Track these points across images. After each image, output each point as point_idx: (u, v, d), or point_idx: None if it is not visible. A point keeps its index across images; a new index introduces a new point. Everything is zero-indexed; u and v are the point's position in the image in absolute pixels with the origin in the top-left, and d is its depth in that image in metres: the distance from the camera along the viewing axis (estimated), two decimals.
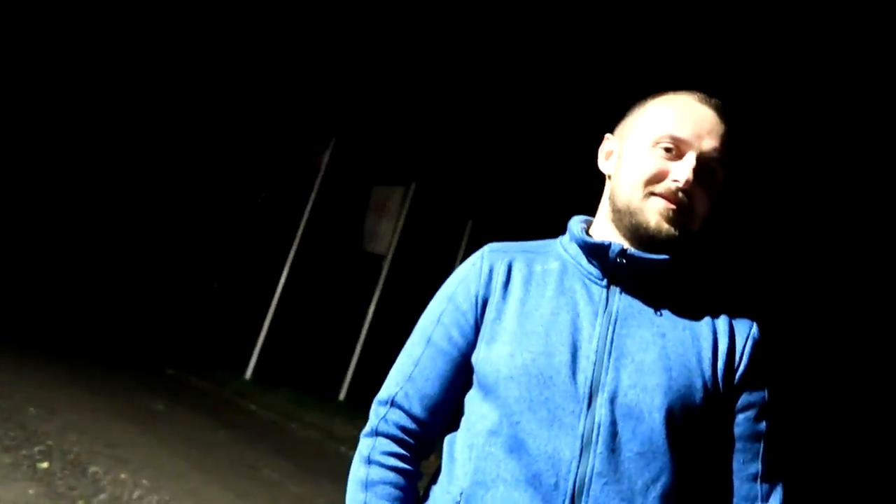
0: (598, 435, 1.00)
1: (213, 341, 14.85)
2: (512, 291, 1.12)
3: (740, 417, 1.09)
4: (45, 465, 4.45)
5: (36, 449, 4.71)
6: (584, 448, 1.00)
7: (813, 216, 12.70)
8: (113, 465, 4.74)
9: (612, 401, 1.02)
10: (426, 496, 1.14)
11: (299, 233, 11.79)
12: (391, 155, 17.01)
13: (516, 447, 1.02)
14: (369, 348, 11.50)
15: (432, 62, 17.70)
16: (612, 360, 1.04)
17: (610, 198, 1.16)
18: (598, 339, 1.06)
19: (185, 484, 4.74)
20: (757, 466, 1.09)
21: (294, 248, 11.74)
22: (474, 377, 1.12)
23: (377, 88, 19.06)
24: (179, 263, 22.47)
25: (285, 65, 20.08)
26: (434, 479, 1.14)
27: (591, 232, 1.19)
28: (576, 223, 1.20)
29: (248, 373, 11.16)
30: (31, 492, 3.94)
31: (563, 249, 1.18)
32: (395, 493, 1.11)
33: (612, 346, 1.05)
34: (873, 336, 11.04)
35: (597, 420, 1.01)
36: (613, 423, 1.01)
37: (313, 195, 11.82)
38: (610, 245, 1.10)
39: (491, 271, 1.15)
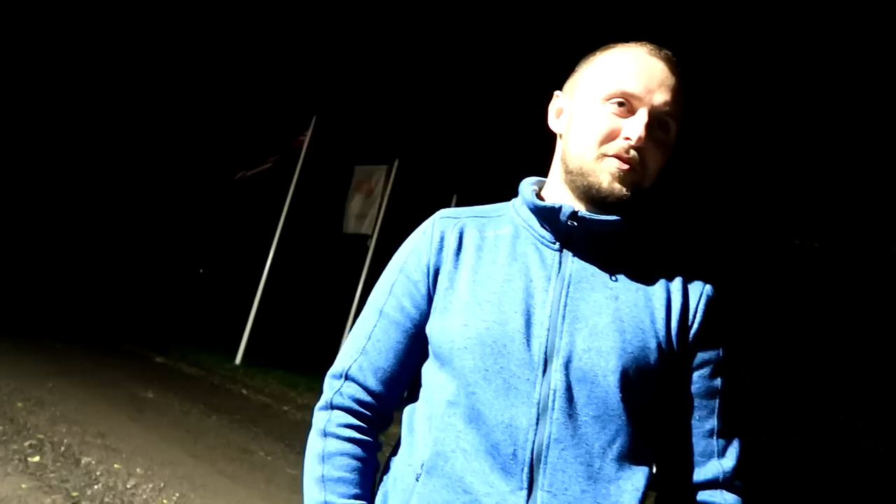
0: (553, 401, 1.00)
1: (201, 327, 14.79)
2: (464, 259, 1.11)
3: (696, 375, 1.09)
4: (36, 458, 4.42)
5: (26, 443, 4.67)
6: (541, 415, 1.00)
7: (769, 173, 12.68)
8: (105, 456, 4.71)
9: (567, 366, 1.01)
10: (387, 468, 1.13)
11: (283, 214, 11.71)
12: (373, 132, 16.87)
13: (474, 417, 1.01)
14: None
15: (409, 37, 17.51)
16: (565, 324, 1.03)
17: (562, 158, 1.13)
18: (552, 304, 1.05)
19: (179, 470, 4.72)
20: (713, 422, 1.08)
21: (279, 229, 11.65)
22: (430, 348, 1.10)
23: (357, 66, 18.85)
24: (164, 250, 22.29)
25: (265, 46, 19.78)
26: (395, 450, 1.13)
27: (543, 194, 1.17)
28: (527, 186, 1.17)
29: (238, 357, 11.13)
30: (24, 486, 3.91)
31: (515, 213, 1.15)
32: (353, 463, 1.10)
33: (565, 310, 1.04)
34: (831, 294, 11.17)
35: (552, 386, 1.00)
36: (569, 388, 1.00)
37: (296, 176, 11.71)
38: (560, 208, 1.07)
39: (442, 239, 1.13)
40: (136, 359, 9.95)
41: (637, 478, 1.02)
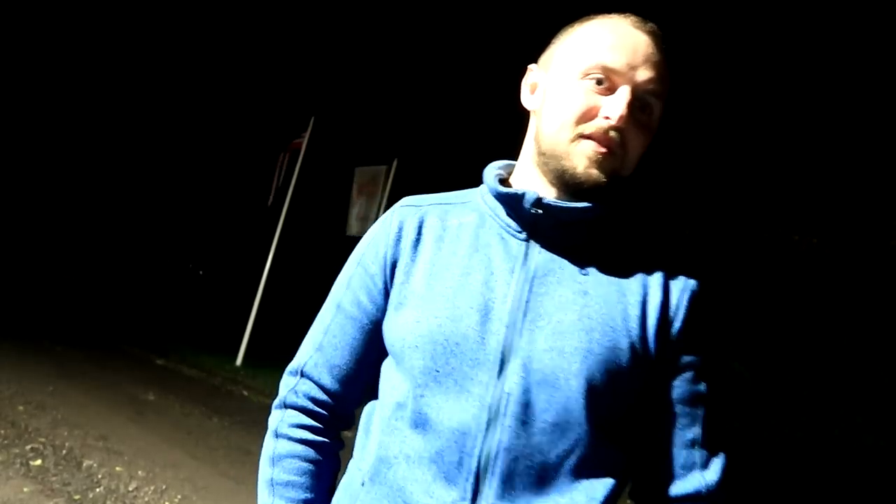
0: (507, 405, 0.91)
1: (201, 328, 14.78)
2: (422, 251, 1.02)
3: (677, 379, 0.98)
4: (38, 462, 4.42)
5: (28, 446, 4.67)
6: (492, 420, 0.91)
7: (766, 168, 12.59)
8: (107, 458, 4.71)
9: (526, 367, 0.91)
10: (345, 469, 1.07)
11: (283, 215, 11.70)
12: (372, 132, 16.87)
13: (421, 422, 0.93)
14: None
15: (407, 37, 17.51)
16: (526, 321, 0.93)
17: (535, 138, 1.02)
18: (513, 298, 0.95)
19: (181, 473, 4.72)
20: (695, 432, 0.98)
21: (278, 230, 11.65)
22: (385, 343, 1.03)
23: (355, 66, 18.84)
24: (164, 251, 22.29)
25: (262, 47, 19.77)
26: (352, 451, 1.07)
27: (512, 179, 1.06)
28: (491, 171, 1.07)
29: (239, 359, 11.12)
30: (25, 490, 3.91)
31: (481, 200, 1.05)
32: (304, 466, 1.04)
33: (527, 306, 0.94)
34: (830, 289, 11.13)
35: (507, 389, 0.91)
36: (526, 391, 0.91)
37: (295, 177, 11.71)
38: (524, 195, 0.97)
39: (400, 229, 1.04)
40: (136, 361, 9.94)
41: (596, 489, 0.93)
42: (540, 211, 0.97)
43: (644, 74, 0.96)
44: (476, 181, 1.11)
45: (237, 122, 20.56)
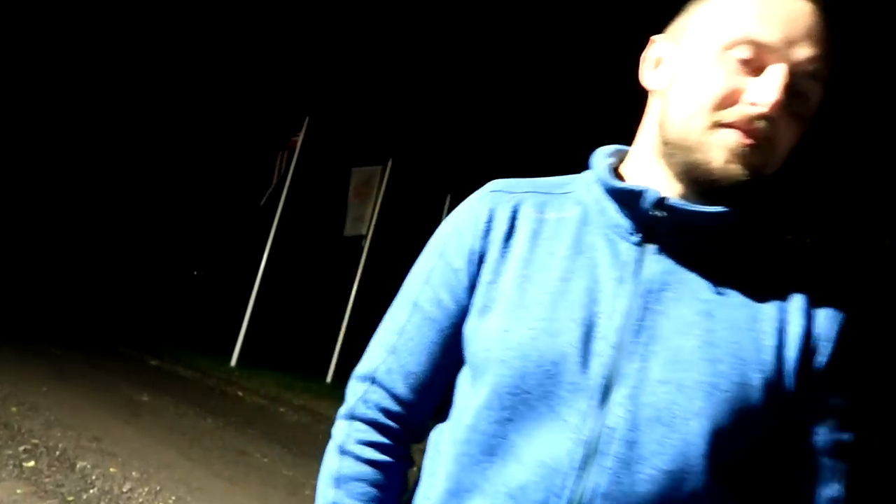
0: (609, 443, 0.76)
1: (196, 329, 14.75)
2: (514, 246, 0.87)
3: (819, 425, 0.81)
4: (31, 463, 4.40)
5: (21, 448, 4.65)
6: (589, 458, 0.76)
7: None
8: (101, 460, 4.70)
9: (635, 399, 0.77)
10: (412, 494, 0.93)
11: (277, 215, 11.69)
12: (366, 132, 16.86)
13: (501, 450, 0.80)
14: (354, 328, 11.50)
15: (401, 37, 17.49)
16: (639, 344, 0.78)
17: (659, 124, 0.85)
18: (623, 314, 0.80)
19: (175, 474, 4.71)
20: (835, 489, 0.81)
21: (273, 230, 11.64)
22: (465, 352, 0.89)
23: (350, 67, 18.82)
24: (158, 252, 22.24)
25: (257, 47, 19.73)
26: (419, 472, 0.94)
27: (625, 169, 0.90)
28: (602, 157, 0.90)
29: (234, 359, 11.11)
30: (18, 491, 3.89)
31: (586, 191, 0.89)
32: (371, 492, 0.91)
33: (640, 325, 0.79)
34: None
35: (609, 423, 0.76)
36: (633, 428, 0.76)
37: (289, 177, 11.70)
38: (643, 193, 0.81)
39: (491, 219, 0.89)
40: (130, 362, 9.91)
41: None
42: (663, 214, 0.81)
43: (803, 52, 0.78)
44: (469, 183, 1.00)
45: (232, 122, 20.52)
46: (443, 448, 0.87)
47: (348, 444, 0.93)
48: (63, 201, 20.84)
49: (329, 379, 11.12)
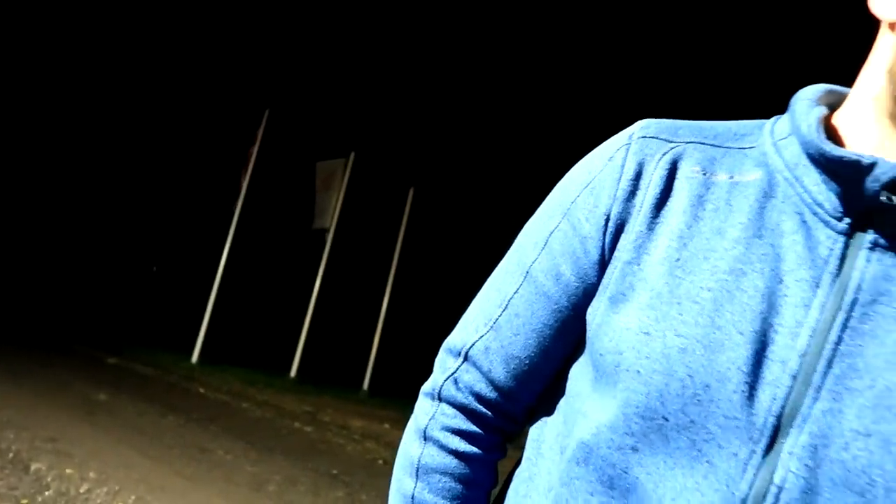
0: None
1: (155, 326, 14.51)
2: (668, 217, 0.64)
3: None
4: None
5: None
6: None
7: None
8: (56, 461, 4.59)
9: (818, 451, 0.56)
10: (502, 496, 0.76)
11: (237, 209, 11.54)
12: (328, 125, 16.74)
13: (623, 485, 0.61)
14: (318, 323, 11.43)
15: (363, 28, 17.39)
16: (831, 375, 0.57)
17: (889, 70, 0.61)
18: (813, 331, 0.58)
19: (135, 473, 4.62)
20: None
21: (233, 224, 11.49)
22: (587, 343, 0.68)
23: (311, 59, 18.64)
24: (115, 247, 21.79)
25: (215, 42, 19.42)
26: (513, 470, 0.76)
27: (839, 121, 0.65)
28: (806, 104, 0.65)
29: (195, 356, 10.95)
30: None
31: (773, 149, 0.65)
32: (457, 488, 0.74)
33: (836, 348, 0.57)
34: None
35: (777, 479, 0.56)
36: (811, 490, 0.55)
37: (249, 170, 11.56)
38: (872, 166, 0.58)
39: (639, 176, 0.66)
40: (87, 360, 9.70)
41: None
42: (891, 200, 0.58)
43: None
44: (432, 175, 0.82)
45: (191, 115, 20.18)
46: (547, 455, 0.70)
47: (433, 428, 0.76)
48: (15, 195, 20.26)
49: (293, 374, 11.04)
